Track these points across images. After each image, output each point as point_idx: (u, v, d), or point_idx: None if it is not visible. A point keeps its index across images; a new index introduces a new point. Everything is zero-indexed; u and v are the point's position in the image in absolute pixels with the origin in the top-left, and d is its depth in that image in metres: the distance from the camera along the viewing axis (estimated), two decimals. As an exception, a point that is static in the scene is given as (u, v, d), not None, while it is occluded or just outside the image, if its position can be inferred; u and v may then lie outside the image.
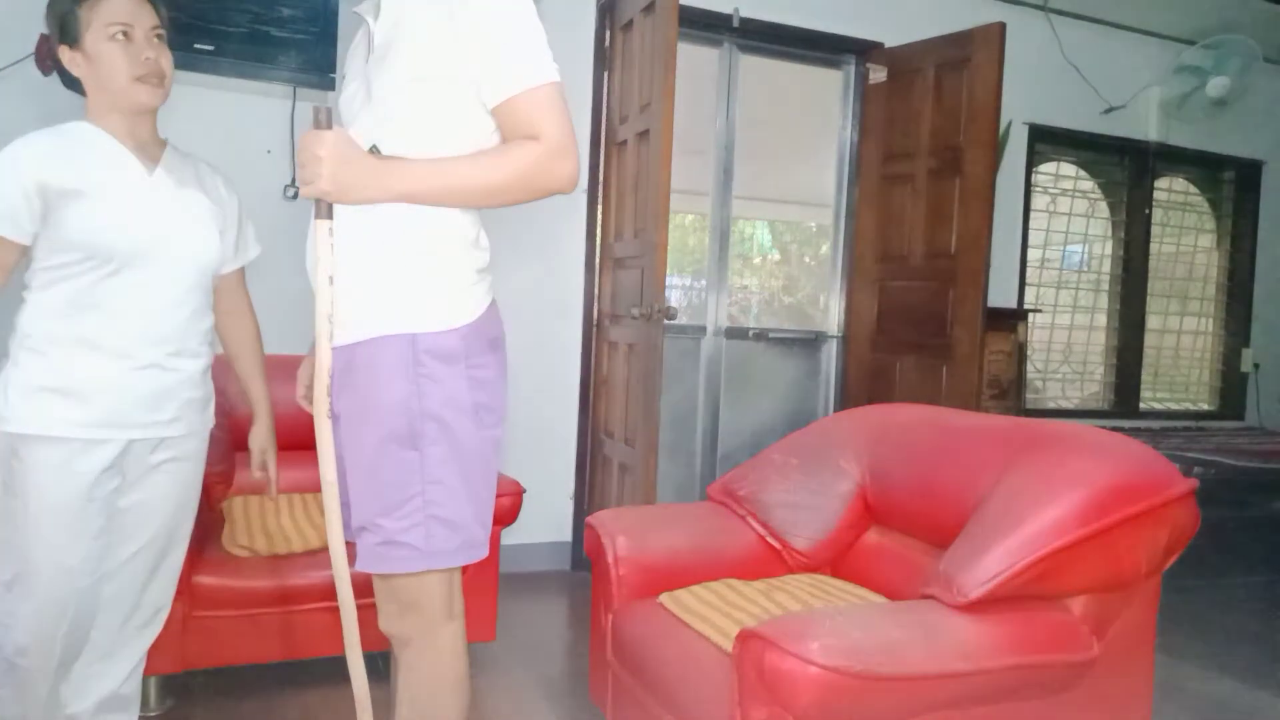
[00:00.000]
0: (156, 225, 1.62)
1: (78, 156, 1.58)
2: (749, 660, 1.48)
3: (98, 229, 1.55)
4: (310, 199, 1.28)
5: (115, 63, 1.57)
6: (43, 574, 1.58)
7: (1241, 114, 4.87)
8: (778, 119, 4.19)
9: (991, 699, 1.60)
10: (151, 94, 1.61)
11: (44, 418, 1.55)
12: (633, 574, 2.06)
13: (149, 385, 1.62)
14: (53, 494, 1.56)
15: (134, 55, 1.58)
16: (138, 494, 1.70)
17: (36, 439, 1.55)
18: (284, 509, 2.62)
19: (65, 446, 1.56)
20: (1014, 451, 1.86)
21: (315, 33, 3.01)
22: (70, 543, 1.59)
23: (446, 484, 1.34)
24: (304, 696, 2.37)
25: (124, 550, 1.72)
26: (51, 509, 1.57)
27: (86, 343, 1.57)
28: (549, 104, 1.30)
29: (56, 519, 1.57)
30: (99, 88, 1.59)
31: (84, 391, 1.56)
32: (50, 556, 1.58)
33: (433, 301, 1.34)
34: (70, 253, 1.55)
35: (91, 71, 1.58)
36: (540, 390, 3.58)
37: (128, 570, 1.74)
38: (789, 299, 4.45)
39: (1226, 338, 5.43)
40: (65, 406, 1.55)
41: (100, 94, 1.60)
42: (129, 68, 1.58)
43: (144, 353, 1.61)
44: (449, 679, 1.42)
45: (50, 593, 1.59)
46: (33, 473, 1.55)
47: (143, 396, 1.62)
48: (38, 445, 1.55)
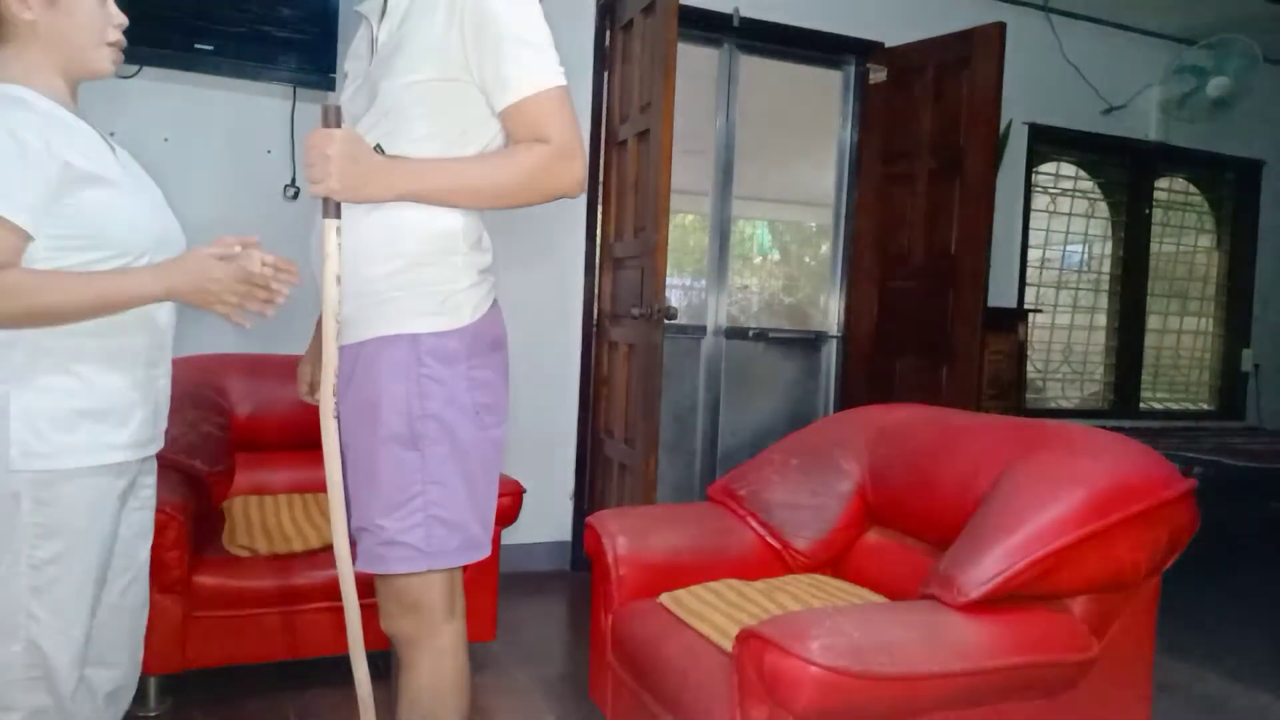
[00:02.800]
0: (156, 214, 1.44)
1: (77, 134, 1.35)
2: (749, 660, 1.48)
3: (126, 221, 1.34)
4: (316, 198, 1.27)
5: (92, 17, 1.35)
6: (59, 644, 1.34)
7: (1241, 114, 4.87)
8: (778, 119, 4.19)
9: (991, 699, 1.60)
10: (114, 64, 1.40)
11: (91, 446, 1.33)
12: (633, 574, 2.06)
13: (162, 396, 1.47)
14: (89, 536, 1.35)
15: (112, 15, 1.38)
16: (134, 516, 1.49)
17: (76, 473, 1.32)
18: (284, 509, 2.62)
19: (104, 476, 1.36)
20: (1014, 451, 1.86)
21: (315, 33, 3.01)
22: (91, 599, 1.37)
23: (447, 484, 1.34)
24: (304, 696, 2.37)
25: (119, 581, 1.48)
26: (83, 555, 1.34)
27: (117, 355, 1.36)
28: (556, 107, 1.31)
29: (88, 569, 1.35)
30: (56, 42, 1.33)
31: (119, 410, 1.36)
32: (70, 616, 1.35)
33: (435, 302, 1.34)
34: (94, 250, 1.30)
35: (53, 20, 1.32)
36: (540, 390, 3.58)
37: (123, 602, 1.51)
38: (789, 299, 4.45)
39: (1226, 338, 5.44)
40: (106, 430, 1.34)
41: (53, 51, 1.33)
42: (104, 28, 1.36)
43: (162, 360, 1.46)
44: (450, 679, 1.42)
45: (66, 670, 1.36)
46: (68, 515, 1.32)
47: (160, 407, 1.46)
48: (79, 480, 1.32)
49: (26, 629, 1.33)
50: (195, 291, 1.31)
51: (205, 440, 2.53)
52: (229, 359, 2.81)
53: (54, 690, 1.36)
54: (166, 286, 1.31)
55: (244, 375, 2.81)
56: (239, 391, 2.79)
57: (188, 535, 2.18)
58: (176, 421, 2.45)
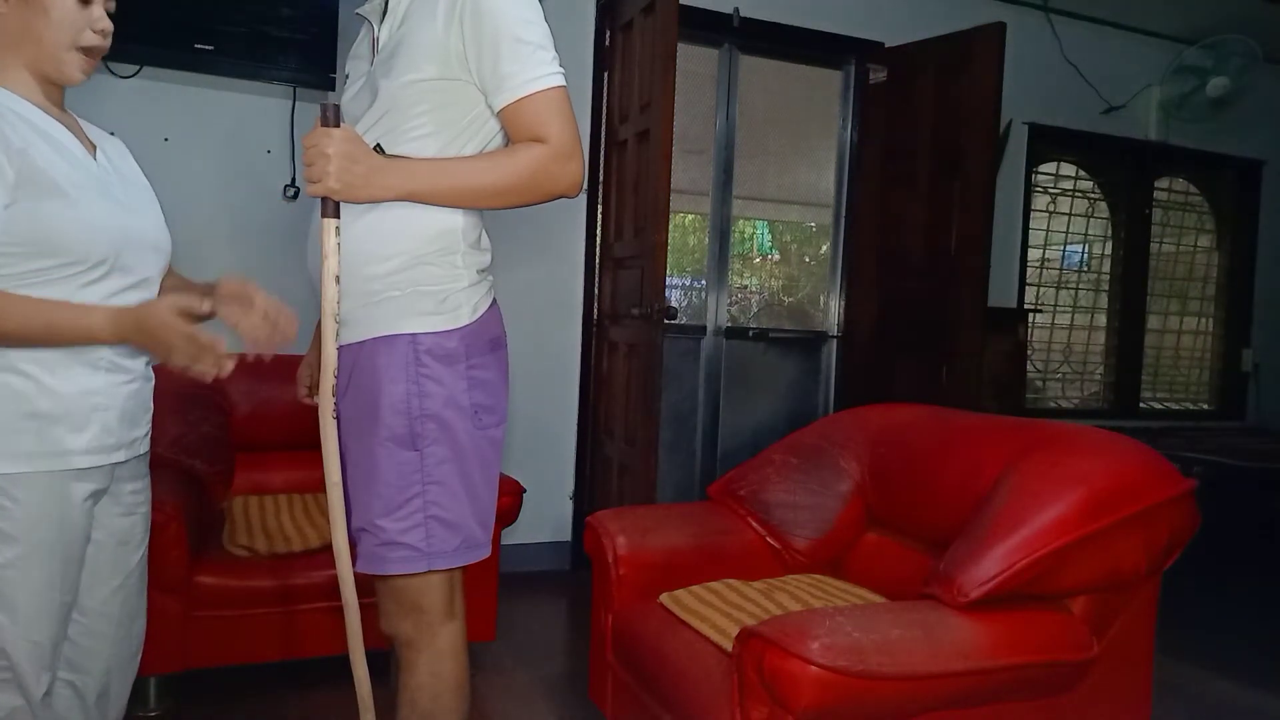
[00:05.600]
0: (125, 218, 1.37)
1: (40, 134, 1.29)
2: (749, 660, 1.48)
3: (77, 228, 1.28)
4: (315, 198, 1.27)
5: (69, 17, 1.29)
6: (21, 648, 1.31)
7: (1241, 114, 4.87)
8: (778, 119, 4.19)
9: (991, 699, 1.60)
10: (85, 72, 1.34)
11: (41, 451, 1.29)
12: (633, 574, 2.06)
13: (135, 399, 1.41)
14: (46, 541, 1.30)
15: (91, 18, 1.31)
16: (117, 523, 1.45)
17: (29, 477, 1.28)
18: (284, 509, 2.62)
19: (61, 481, 1.31)
20: (1013, 451, 1.86)
21: (315, 33, 3.01)
22: (56, 605, 1.34)
23: (447, 484, 1.34)
24: (304, 696, 2.37)
25: (102, 589, 1.45)
26: (42, 561, 1.31)
27: (73, 358, 1.31)
28: (555, 108, 1.31)
29: (49, 576, 1.32)
30: (23, 38, 1.28)
31: (75, 414, 1.31)
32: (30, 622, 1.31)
33: (434, 302, 1.34)
34: (47, 258, 1.26)
35: (24, 15, 1.27)
36: (540, 390, 3.58)
37: (107, 609, 1.47)
38: (789, 299, 4.44)
39: (1226, 338, 5.43)
40: (61, 434, 1.30)
41: (19, 48, 1.29)
42: (77, 31, 1.30)
43: (131, 364, 1.40)
44: (450, 679, 1.42)
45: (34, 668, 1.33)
46: (22, 520, 1.28)
47: (128, 412, 1.40)
48: (31, 485, 1.29)
49: None
50: (148, 345, 1.30)
51: (205, 440, 2.54)
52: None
53: (24, 692, 1.35)
54: (118, 335, 1.29)
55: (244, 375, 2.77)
56: (239, 391, 2.79)
57: (187, 535, 2.18)
58: (177, 421, 2.48)
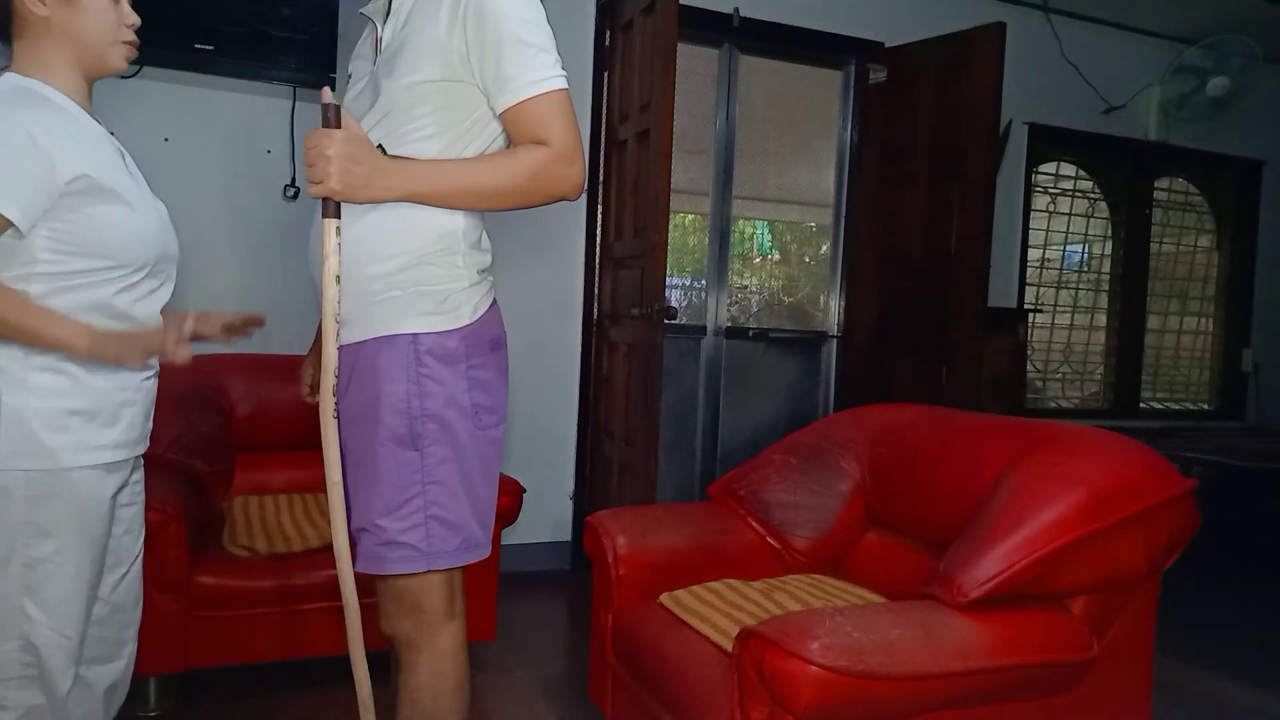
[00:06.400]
0: (161, 224, 1.46)
1: (95, 142, 1.36)
2: (749, 660, 1.48)
3: (132, 238, 1.36)
4: (316, 198, 1.27)
5: (107, 15, 1.36)
6: (52, 644, 1.34)
7: (1241, 114, 4.87)
8: (778, 119, 4.19)
9: (991, 699, 1.60)
10: (127, 60, 1.42)
11: (82, 446, 1.34)
12: (633, 574, 2.06)
13: (152, 394, 1.48)
14: (83, 535, 1.35)
15: (125, 14, 1.40)
16: (124, 513, 1.49)
17: (69, 472, 1.32)
18: (284, 509, 2.62)
19: (97, 475, 1.36)
20: (1013, 451, 1.86)
21: (315, 33, 3.01)
22: (85, 599, 1.38)
23: (447, 484, 1.34)
24: (304, 696, 2.37)
25: (111, 577, 1.49)
26: (77, 554, 1.35)
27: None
28: (556, 110, 1.31)
29: (82, 569, 1.36)
30: (70, 38, 1.34)
31: (108, 409, 1.37)
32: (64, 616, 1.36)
33: (434, 302, 1.34)
34: (95, 259, 1.33)
35: (67, 16, 1.33)
36: (540, 390, 3.58)
37: (115, 597, 1.51)
38: (789, 299, 4.44)
39: (1226, 338, 5.43)
40: (96, 429, 1.35)
41: (67, 47, 1.35)
42: (118, 26, 1.38)
43: (150, 362, 1.45)
44: (450, 679, 1.42)
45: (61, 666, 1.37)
46: (62, 514, 1.33)
47: (146, 409, 1.47)
48: (72, 480, 1.33)
49: (20, 627, 1.33)
50: (111, 362, 1.35)
51: (205, 440, 2.54)
52: (228, 359, 2.81)
53: (49, 689, 1.36)
54: (93, 354, 1.31)
55: (244, 375, 2.81)
56: (239, 391, 2.79)
57: (187, 535, 2.18)
58: (176, 421, 2.48)
